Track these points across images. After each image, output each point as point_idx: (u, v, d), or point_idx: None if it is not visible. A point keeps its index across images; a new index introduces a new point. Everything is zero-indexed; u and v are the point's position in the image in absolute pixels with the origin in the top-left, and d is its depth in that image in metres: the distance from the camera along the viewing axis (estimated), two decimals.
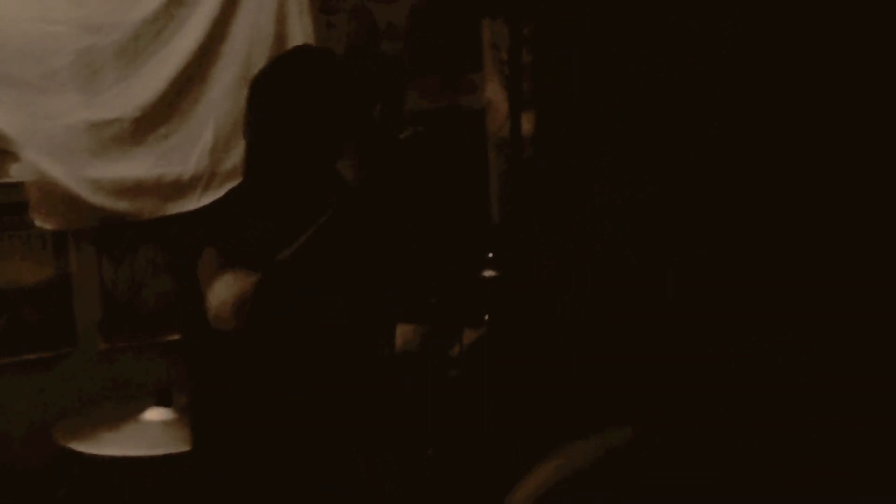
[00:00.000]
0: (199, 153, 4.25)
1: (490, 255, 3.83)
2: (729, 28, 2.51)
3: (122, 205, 4.11)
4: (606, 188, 2.81)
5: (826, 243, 2.41)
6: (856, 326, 2.37)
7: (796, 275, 2.42)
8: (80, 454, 3.36)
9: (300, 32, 4.43)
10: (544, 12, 3.04)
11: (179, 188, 4.23)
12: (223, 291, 2.47)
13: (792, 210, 2.47)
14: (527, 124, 4.21)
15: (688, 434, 2.57)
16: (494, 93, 4.89)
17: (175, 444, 3.32)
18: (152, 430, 3.46)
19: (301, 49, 3.35)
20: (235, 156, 4.31)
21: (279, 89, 2.77)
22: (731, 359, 2.47)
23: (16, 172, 3.98)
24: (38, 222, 3.97)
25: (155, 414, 3.52)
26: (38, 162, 3.93)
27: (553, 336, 2.99)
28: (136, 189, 4.13)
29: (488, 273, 3.81)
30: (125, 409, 3.60)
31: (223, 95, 4.30)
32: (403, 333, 3.19)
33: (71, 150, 4.01)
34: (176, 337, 4.29)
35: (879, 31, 2.33)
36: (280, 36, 4.40)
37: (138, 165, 4.15)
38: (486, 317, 3.52)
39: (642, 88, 2.71)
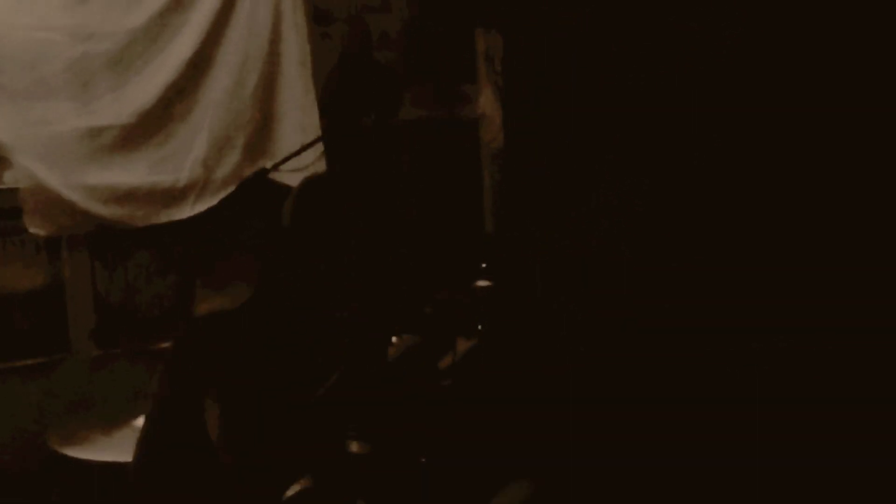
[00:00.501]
0: (192, 161, 4.25)
1: (484, 265, 3.83)
2: (729, 29, 2.52)
3: (115, 212, 4.11)
4: (605, 189, 2.82)
5: (826, 247, 2.42)
6: (854, 334, 2.38)
7: (795, 278, 2.44)
8: (73, 459, 3.35)
9: (295, 42, 4.44)
10: (542, 16, 3.05)
11: (173, 196, 4.23)
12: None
13: (792, 212, 2.49)
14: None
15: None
16: (488, 103, 4.91)
17: None
18: None
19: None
20: (229, 164, 4.32)
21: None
22: (729, 361, 2.49)
23: (9, 178, 3.99)
24: (31, 228, 3.97)
25: None
26: (32, 168, 3.94)
27: (549, 340, 3.00)
28: (129, 196, 4.14)
29: (482, 283, 3.81)
30: (118, 415, 3.58)
31: (217, 104, 4.30)
32: (396, 343, 3.20)
33: (64, 157, 4.02)
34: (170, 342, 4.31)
35: (880, 31, 2.34)
36: (274, 45, 4.41)
37: (132, 173, 4.15)
38: (480, 327, 3.52)
39: (642, 90, 2.72)
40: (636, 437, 2.63)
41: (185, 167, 4.24)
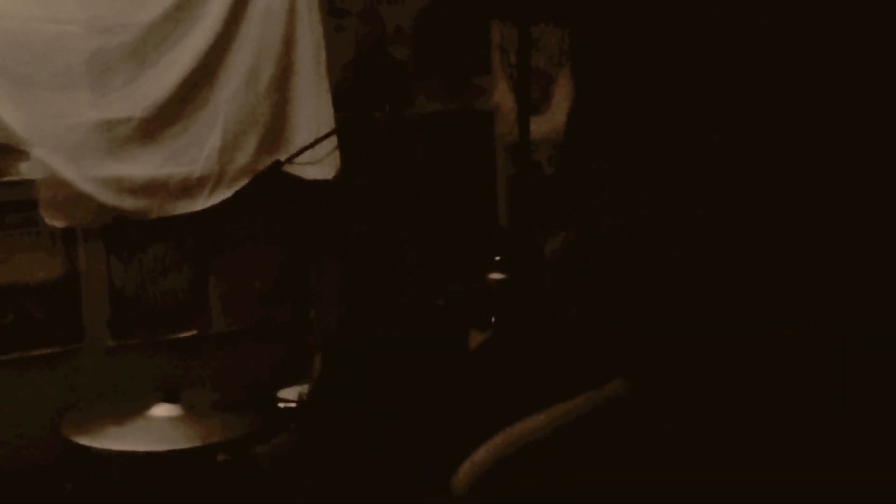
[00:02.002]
0: (207, 153, 4.27)
1: (497, 258, 3.84)
2: (730, 34, 2.53)
3: (130, 203, 4.13)
4: (606, 189, 2.83)
5: (824, 246, 2.43)
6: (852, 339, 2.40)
7: (795, 277, 2.45)
8: (88, 449, 3.36)
9: (309, 35, 4.44)
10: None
11: (188, 188, 4.24)
12: None
13: (791, 211, 2.50)
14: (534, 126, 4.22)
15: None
16: (503, 96, 4.90)
17: (181, 440, 3.33)
18: (159, 426, 3.46)
19: None
20: (243, 157, 4.34)
21: None
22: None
23: (26, 170, 4.01)
24: (47, 220, 3.99)
25: (162, 410, 3.52)
26: (48, 160, 3.96)
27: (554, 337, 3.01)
28: (144, 188, 4.16)
29: (495, 276, 3.82)
30: (132, 405, 3.60)
31: (232, 96, 4.31)
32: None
33: (80, 149, 4.04)
34: (184, 334, 4.35)
35: (880, 37, 2.35)
36: (289, 38, 4.42)
37: (147, 165, 4.17)
38: (493, 319, 3.53)
39: (643, 93, 2.73)
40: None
41: (200, 159, 4.25)
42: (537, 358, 3.06)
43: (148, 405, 3.60)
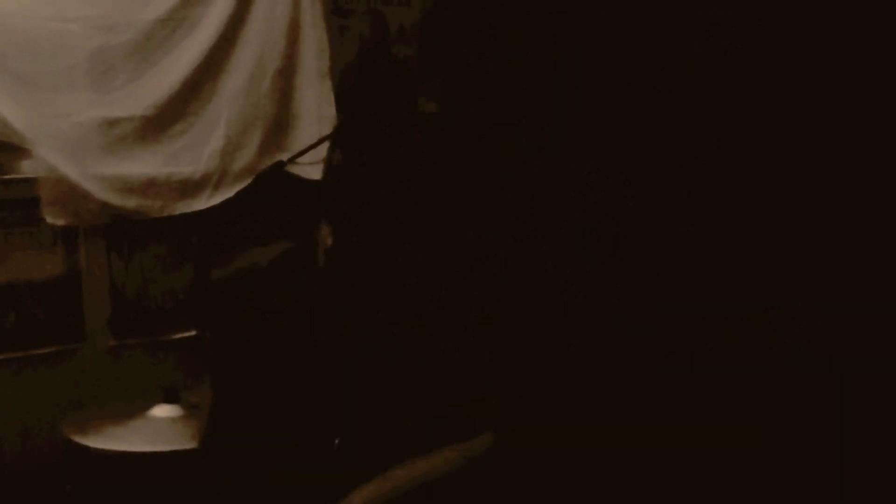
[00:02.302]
0: (209, 153, 4.26)
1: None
2: (730, 36, 2.53)
3: (131, 202, 4.13)
4: (594, 188, 2.84)
5: (820, 248, 2.43)
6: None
7: (790, 280, 2.45)
8: (88, 449, 3.37)
9: (313, 34, 4.44)
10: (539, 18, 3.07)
11: (189, 187, 4.24)
12: None
13: (787, 214, 2.50)
14: None
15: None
16: None
17: (182, 440, 3.33)
18: (159, 426, 3.47)
19: None
20: (245, 156, 4.33)
21: None
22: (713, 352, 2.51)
23: (28, 168, 4.00)
24: (48, 218, 3.98)
25: (162, 410, 3.53)
26: (50, 158, 3.95)
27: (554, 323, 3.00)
28: (146, 187, 4.15)
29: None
30: (133, 405, 3.61)
31: (235, 96, 4.31)
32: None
33: (82, 148, 4.03)
34: (184, 334, 4.34)
35: (879, 39, 2.35)
36: (292, 37, 4.42)
37: (149, 164, 4.17)
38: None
39: (637, 97, 2.74)
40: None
41: (201, 159, 4.25)
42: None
43: (148, 405, 3.60)
